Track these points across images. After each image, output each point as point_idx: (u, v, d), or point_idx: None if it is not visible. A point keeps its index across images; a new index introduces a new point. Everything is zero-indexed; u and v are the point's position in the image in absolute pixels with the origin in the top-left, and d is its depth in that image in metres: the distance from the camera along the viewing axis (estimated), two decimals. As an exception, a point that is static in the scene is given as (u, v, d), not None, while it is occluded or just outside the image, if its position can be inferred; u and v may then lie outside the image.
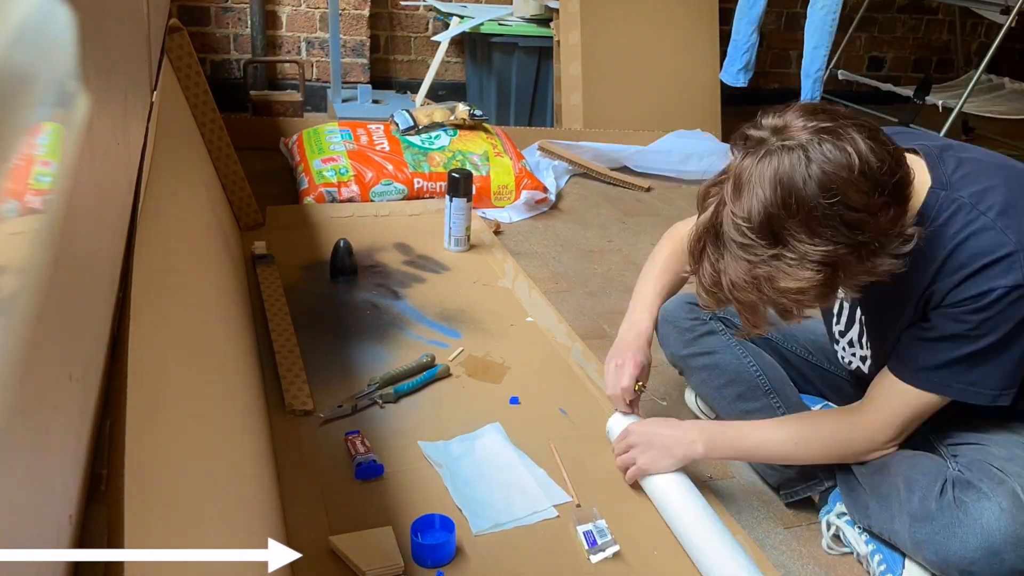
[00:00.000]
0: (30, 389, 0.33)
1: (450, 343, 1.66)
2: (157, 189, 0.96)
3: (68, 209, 0.42)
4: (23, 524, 0.32)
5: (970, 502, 1.03)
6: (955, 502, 1.04)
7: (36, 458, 0.35)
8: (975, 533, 1.01)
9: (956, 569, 1.02)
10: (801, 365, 1.40)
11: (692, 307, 1.40)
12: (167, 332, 0.79)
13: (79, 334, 0.47)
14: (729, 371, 1.34)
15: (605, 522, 1.18)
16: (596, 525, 1.17)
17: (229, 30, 3.25)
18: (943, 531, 1.03)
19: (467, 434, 1.37)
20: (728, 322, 1.39)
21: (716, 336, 1.38)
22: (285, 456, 1.28)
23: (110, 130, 0.62)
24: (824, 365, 1.39)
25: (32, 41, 0.34)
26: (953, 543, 1.02)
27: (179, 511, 0.62)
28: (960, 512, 1.03)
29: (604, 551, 1.14)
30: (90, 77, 0.50)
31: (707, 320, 1.39)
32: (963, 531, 1.02)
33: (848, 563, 1.20)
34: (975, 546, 1.00)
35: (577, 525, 1.17)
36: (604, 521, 1.18)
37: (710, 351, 1.37)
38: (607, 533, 1.16)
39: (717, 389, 1.35)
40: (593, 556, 1.14)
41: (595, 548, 1.14)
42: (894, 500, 1.11)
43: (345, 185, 2.29)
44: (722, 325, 1.39)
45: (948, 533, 1.03)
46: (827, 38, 2.86)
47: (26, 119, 0.32)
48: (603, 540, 1.15)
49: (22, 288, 0.32)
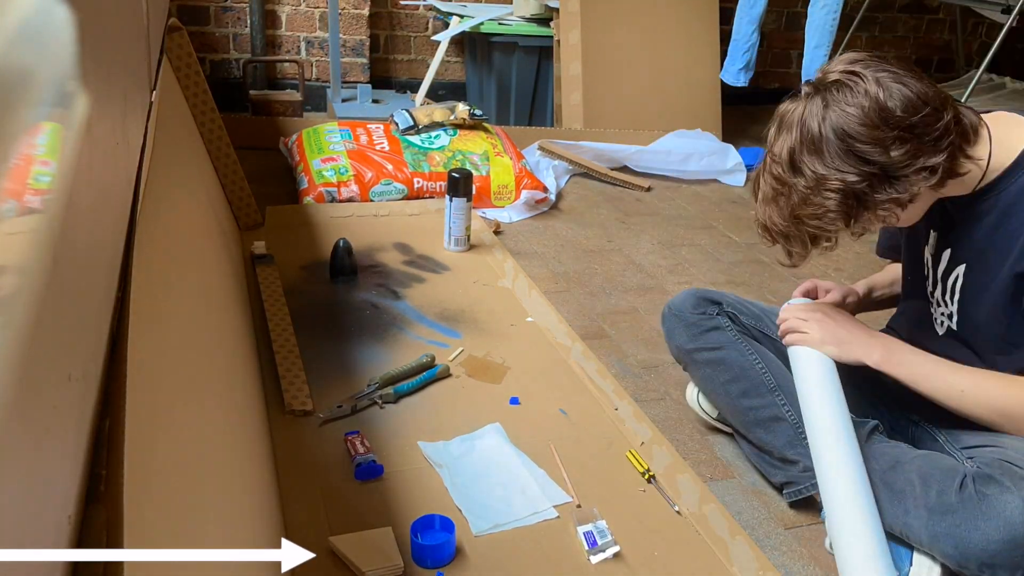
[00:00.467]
0: (29, 389, 0.33)
1: (450, 343, 1.66)
2: (156, 189, 0.95)
3: (67, 209, 0.42)
4: (22, 524, 0.32)
5: (992, 495, 1.04)
6: (976, 495, 1.05)
7: (35, 458, 0.35)
8: (998, 526, 1.02)
9: (976, 561, 1.03)
10: None
11: (700, 301, 1.40)
12: (166, 332, 0.79)
13: (78, 334, 0.47)
14: (734, 367, 1.34)
15: (605, 523, 1.18)
16: (596, 526, 1.17)
17: (228, 29, 3.24)
18: (964, 523, 1.05)
19: (467, 434, 1.36)
20: (734, 318, 1.39)
21: (722, 332, 1.37)
22: (285, 456, 1.28)
23: (109, 130, 0.62)
24: None
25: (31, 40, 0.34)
26: (975, 535, 1.03)
27: (178, 511, 0.62)
28: (983, 505, 1.04)
29: (604, 551, 1.14)
30: (89, 77, 0.50)
31: (713, 315, 1.39)
32: (985, 523, 1.03)
33: (849, 563, 1.20)
34: (997, 538, 1.02)
35: (577, 526, 1.17)
36: (604, 522, 1.18)
37: (716, 346, 1.37)
38: (607, 533, 1.16)
39: (721, 385, 1.35)
40: (593, 557, 1.14)
41: (595, 549, 1.14)
42: (909, 495, 1.11)
43: (345, 185, 2.29)
44: (728, 321, 1.39)
45: (970, 526, 1.04)
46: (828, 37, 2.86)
47: (25, 119, 0.31)
48: (603, 540, 1.15)
49: (21, 288, 0.32)
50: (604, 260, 2.18)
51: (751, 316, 1.40)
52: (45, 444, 0.36)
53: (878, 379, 1.27)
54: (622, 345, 1.76)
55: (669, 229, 2.42)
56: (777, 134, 1.11)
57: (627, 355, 1.73)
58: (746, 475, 1.37)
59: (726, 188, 2.82)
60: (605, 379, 1.53)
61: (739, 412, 1.33)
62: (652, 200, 2.66)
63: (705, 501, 1.22)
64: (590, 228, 2.39)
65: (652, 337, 1.79)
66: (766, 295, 2.05)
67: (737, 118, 3.49)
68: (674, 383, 1.61)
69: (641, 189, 2.72)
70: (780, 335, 1.29)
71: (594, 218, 2.46)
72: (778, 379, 1.32)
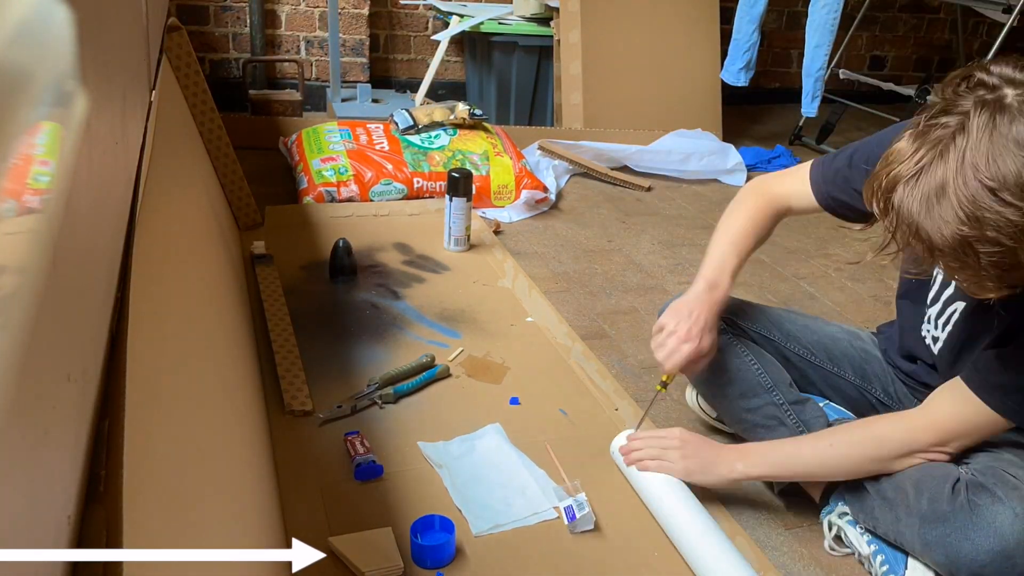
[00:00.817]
0: (28, 389, 0.33)
1: (450, 343, 1.65)
2: (156, 189, 0.95)
3: (66, 209, 0.42)
4: (21, 524, 0.32)
5: (984, 505, 1.02)
6: (968, 504, 1.03)
7: (34, 458, 0.35)
8: (988, 536, 1.00)
9: (967, 571, 1.02)
10: (803, 366, 1.39)
11: None
12: (166, 332, 0.79)
13: (77, 334, 0.47)
14: (731, 369, 1.33)
15: (584, 495, 1.20)
16: (576, 499, 1.18)
17: (228, 29, 3.24)
18: (955, 533, 1.03)
19: (467, 435, 1.36)
20: (731, 321, 1.38)
21: (719, 334, 1.37)
22: (284, 457, 1.28)
23: (108, 129, 0.62)
24: (826, 366, 1.39)
25: (30, 40, 0.33)
26: (965, 545, 1.02)
27: (178, 512, 0.62)
28: (974, 515, 1.02)
29: (583, 524, 1.17)
30: (89, 76, 0.50)
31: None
32: (976, 534, 1.01)
33: (850, 564, 1.20)
34: (987, 549, 1.00)
35: (559, 503, 1.19)
36: (584, 495, 1.20)
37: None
38: (585, 506, 1.17)
39: (719, 387, 1.35)
40: (571, 528, 1.16)
41: (574, 522, 1.16)
42: (900, 502, 1.10)
43: (344, 185, 2.29)
44: (724, 324, 1.38)
45: (960, 535, 1.02)
46: (828, 37, 2.86)
47: (24, 118, 0.31)
48: (581, 513, 1.17)
49: (20, 288, 0.32)
50: (604, 260, 2.18)
51: (747, 318, 1.40)
52: (44, 444, 0.36)
53: (867, 389, 1.27)
54: (622, 345, 1.76)
55: (669, 229, 2.41)
56: (985, 152, 0.84)
57: (627, 355, 1.72)
58: (746, 475, 1.37)
59: (726, 188, 2.81)
60: (605, 379, 1.53)
61: (737, 413, 1.33)
62: (652, 200, 2.66)
63: (705, 502, 1.21)
64: (590, 228, 2.38)
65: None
66: (766, 295, 2.05)
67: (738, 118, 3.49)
68: (674, 384, 1.59)
69: (641, 189, 2.71)
70: (629, 463, 1.26)
71: (594, 218, 2.46)
72: (774, 378, 1.32)
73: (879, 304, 2.06)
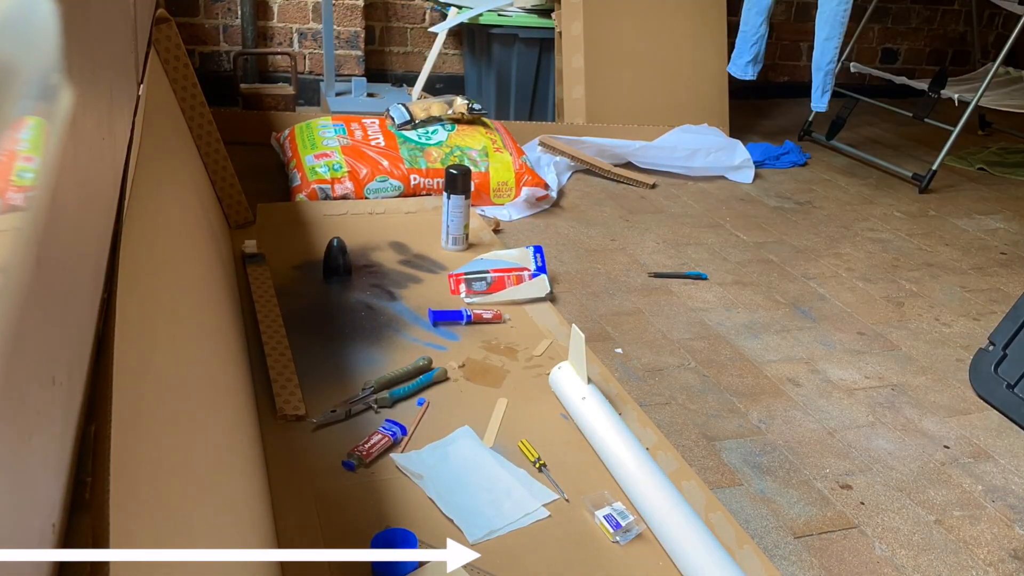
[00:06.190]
0: (12, 393, 0.33)
1: (448, 345, 1.62)
2: (144, 186, 0.94)
3: (51, 206, 0.42)
4: (4, 532, 0.32)
5: None
6: None
7: (18, 464, 0.35)
8: None
9: None
10: None
11: None
12: (153, 334, 0.78)
13: (62, 336, 0.47)
14: None
15: (622, 504, 1.20)
16: (614, 507, 1.19)
17: (218, 21, 3.20)
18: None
19: (438, 441, 1.34)
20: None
21: None
22: (277, 463, 1.27)
23: (95, 125, 0.62)
24: None
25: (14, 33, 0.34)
26: None
27: (166, 519, 0.62)
28: None
29: (630, 532, 1.16)
30: (74, 70, 0.50)
31: None
32: None
33: (860, 575, 1.16)
34: None
35: (595, 511, 1.18)
36: (620, 503, 1.20)
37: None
38: (628, 515, 1.18)
39: None
40: (620, 538, 1.15)
41: (620, 530, 1.16)
42: None
43: (339, 182, 2.26)
44: None
45: None
46: (839, 29, 2.82)
47: (8, 113, 0.32)
48: (626, 521, 1.17)
49: (3, 288, 0.32)
50: (607, 259, 2.14)
51: None
52: (28, 450, 0.36)
53: None
54: (626, 348, 1.72)
55: (675, 227, 2.37)
56: None
57: (631, 358, 1.68)
58: (754, 482, 1.35)
59: (733, 185, 2.78)
60: (609, 383, 1.51)
61: None
62: (657, 197, 2.62)
63: (711, 509, 1.21)
64: (593, 226, 2.35)
65: (657, 340, 1.75)
66: (774, 296, 2.00)
67: (745, 112, 3.46)
68: (679, 387, 1.57)
69: (646, 186, 2.68)
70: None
71: (597, 216, 2.43)
72: None
73: (890, 305, 2.01)
